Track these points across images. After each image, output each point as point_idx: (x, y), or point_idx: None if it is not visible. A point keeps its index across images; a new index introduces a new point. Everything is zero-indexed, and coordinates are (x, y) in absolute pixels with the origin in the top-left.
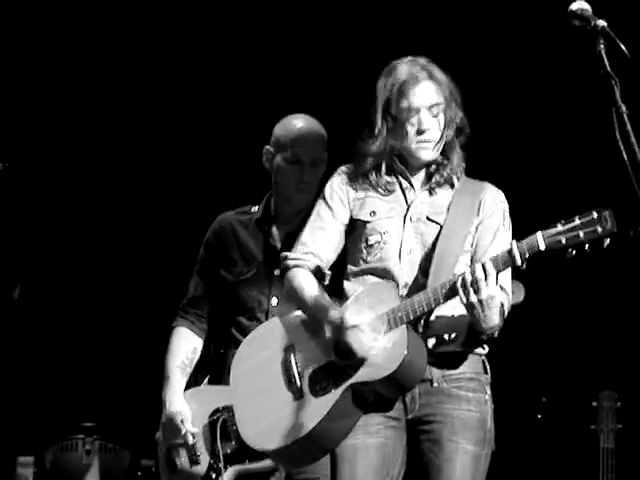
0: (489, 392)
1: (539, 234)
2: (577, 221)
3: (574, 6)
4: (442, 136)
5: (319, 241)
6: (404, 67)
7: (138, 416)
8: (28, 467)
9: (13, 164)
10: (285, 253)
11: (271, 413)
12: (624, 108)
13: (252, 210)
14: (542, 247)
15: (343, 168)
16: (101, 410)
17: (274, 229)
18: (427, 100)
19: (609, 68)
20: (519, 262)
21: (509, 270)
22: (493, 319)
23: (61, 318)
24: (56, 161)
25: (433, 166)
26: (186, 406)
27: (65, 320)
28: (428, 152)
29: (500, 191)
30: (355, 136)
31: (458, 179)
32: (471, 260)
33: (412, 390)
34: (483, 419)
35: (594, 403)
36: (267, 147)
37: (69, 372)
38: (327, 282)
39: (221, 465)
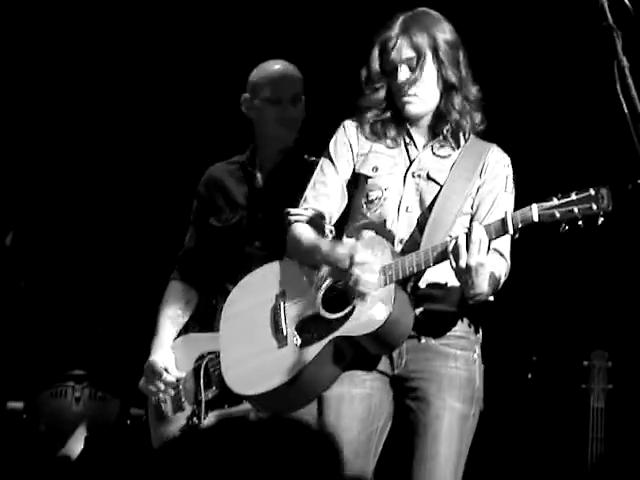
0: (478, 351)
1: (534, 206)
2: (573, 196)
3: None
4: (431, 89)
5: (321, 197)
6: (392, 22)
7: (129, 365)
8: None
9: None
10: (287, 209)
11: (254, 358)
12: (625, 61)
13: (240, 160)
14: (535, 219)
15: (347, 122)
16: (92, 358)
17: (258, 174)
18: (400, 55)
19: (611, 21)
20: (511, 232)
21: (508, 237)
22: (481, 286)
23: (53, 265)
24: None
25: (439, 124)
26: (170, 354)
27: (58, 268)
28: (413, 106)
29: (505, 155)
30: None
31: (466, 139)
32: (470, 222)
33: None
34: (471, 377)
35: (585, 362)
36: (244, 95)
37: (60, 319)
38: (330, 238)
39: (202, 410)
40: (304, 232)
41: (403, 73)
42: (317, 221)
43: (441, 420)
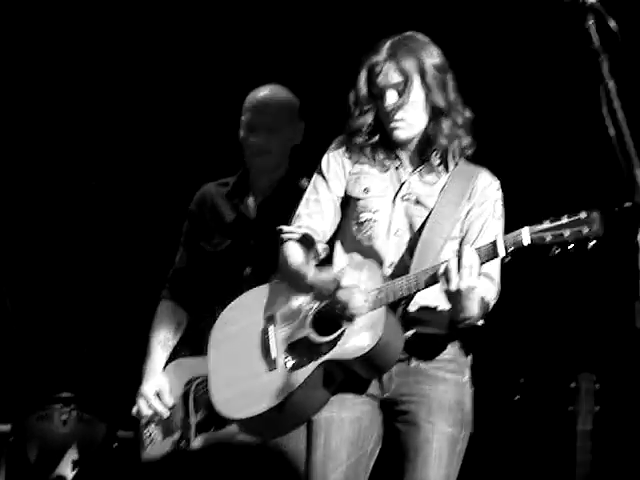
0: (468, 374)
1: (525, 229)
2: (564, 220)
3: None
4: (418, 114)
5: (314, 214)
6: (379, 47)
7: (116, 388)
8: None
9: None
10: (280, 227)
11: (243, 382)
12: (612, 84)
13: (231, 182)
14: (526, 242)
15: (340, 139)
16: (79, 381)
17: (250, 200)
18: (388, 80)
19: (597, 44)
20: (502, 255)
21: (498, 260)
22: (471, 310)
23: (40, 287)
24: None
25: (428, 149)
26: (163, 380)
27: (44, 289)
28: (402, 131)
29: (495, 179)
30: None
31: (456, 163)
32: (459, 246)
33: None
34: (461, 400)
35: (572, 384)
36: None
37: (48, 341)
38: (323, 255)
39: (190, 434)
40: (293, 254)
41: (390, 97)
42: (310, 240)
43: (430, 444)
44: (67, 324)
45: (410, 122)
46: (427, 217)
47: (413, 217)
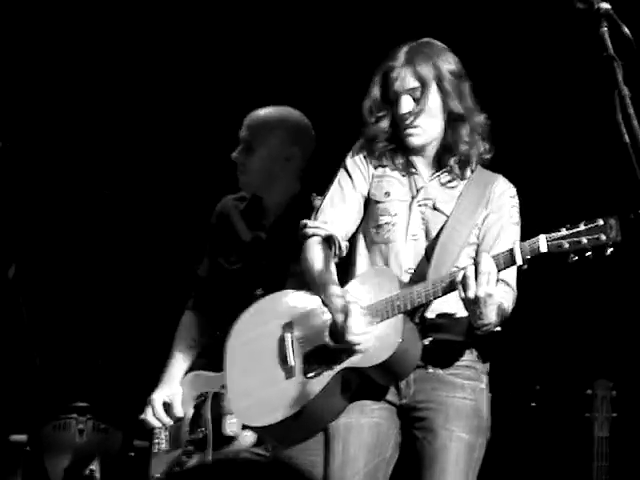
0: (486, 381)
1: (542, 237)
2: (582, 227)
3: None
4: (433, 120)
5: (338, 211)
6: (396, 52)
7: (131, 397)
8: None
9: (12, 143)
10: (304, 221)
11: (261, 389)
12: (626, 91)
13: (246, 198)
14: (544, 250)
15: (362, 142)
16: (95, 390)
17: (264, 220)
18: (404, 85)
19: (612, 51)
20: (520, 262)
21: (514, 267)
22: (489, 316)
23: (56, 297)
24: (54, 141)
25: (445, 155)
26: (178, 390)
27: (60, 300)
28: (416, 138)
29: (511, 185)
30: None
31: (472, 170)
32: (476, 253)
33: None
34: (478, 407)
35: (588, 391)
36: None
37: (63, 351)
38: (344, 254)
39: (192, 450)
40: (315, 256)
41: (406, 104)
42: (333, 238)
43: (448, 451)
44: (83, 334)
45: (425, 128)
46: (444, 223)
47: (429, 223)
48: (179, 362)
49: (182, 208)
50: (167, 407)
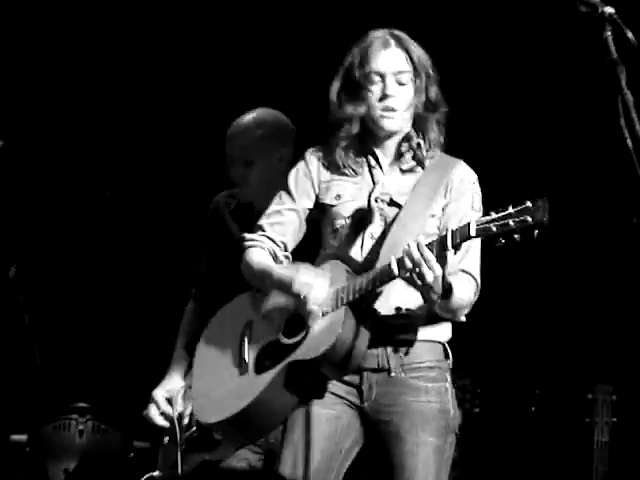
0: (450, 379)
1: (472, 221)
2: (510, 209)
3: None
4: (409, 107)
5: (275, 225)
6: (375, 34)
7: (132, 398)
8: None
9: (12, 142)
10: (243, 234)
11: (218, 387)
12: (629, 95)
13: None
14: (472, 233)
15: (310, 150)
16: (95, 391)
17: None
18: (393, 66)
19: (615, 55)
20: (449, 247)
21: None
22: (449, 307)
23: (57, 298)
24: (55, 140)
25: (404, 144)
26: (179, 385)
27: (61, 300)
28: (392, 121)
29: (471, 171)
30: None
31: (432, 157)
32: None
33: (369, 379)
34: (444, 409)
35: (589, 396)
36: None
37: (63, 352)
38: (286, 264)
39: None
40: (256, 257)
41: (392, 84)
42: (271, 248)
43: (416, 456)
44: (83, 334)
45: (402, 113)
46: (397, 214)
47: (388, 218)
48: (181, 356)
49: (181, 207)
50: (168, 402)
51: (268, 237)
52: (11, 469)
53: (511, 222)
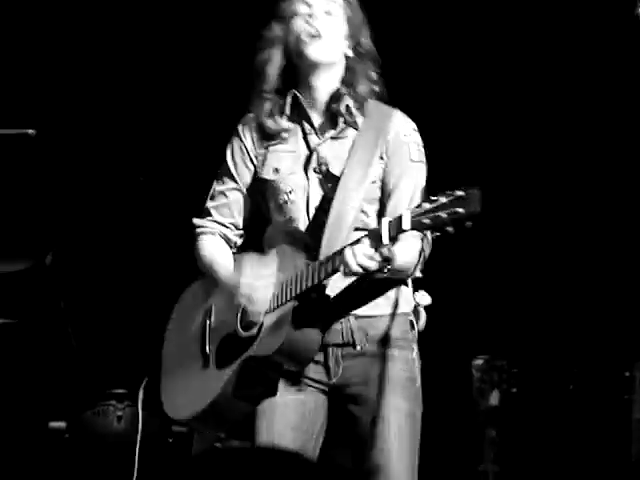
0: (416, 349)
1: (406, 213)
2: (443, 199)
3: None
4: (337, 39)
5: (221, 207)
6: None
7: None
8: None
9: (46, 130)
10: (193, 220)
11: (185, 382)
12: None
13: None
14: (407, 227)
15: (239, 125)
16: (133, 377)
17: None
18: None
19: None
20: (386, 241)
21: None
22: (399, 274)
23: (93, 285)
24: (88, 126)
25: (333, 105)
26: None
27: (97, 287)
28: (319, 48)
29: (408, 120)
30: None
31: (365, 113)
32: (384, 208)
33: (335, 353)
34: (412, 377)
35: (627, 373)
36: None
37: (101, 338)
38: (240, 242)
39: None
40: (204, 249)
41: (319, 12)
42: (222, 232)
43: (386, 421)
44: (121, 322)
45: (327, 40)
46: (336, 185)
47: (328, 189)
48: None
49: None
50: None
51: (216, 221)
52: (50, 456)
53: (443, 215)
